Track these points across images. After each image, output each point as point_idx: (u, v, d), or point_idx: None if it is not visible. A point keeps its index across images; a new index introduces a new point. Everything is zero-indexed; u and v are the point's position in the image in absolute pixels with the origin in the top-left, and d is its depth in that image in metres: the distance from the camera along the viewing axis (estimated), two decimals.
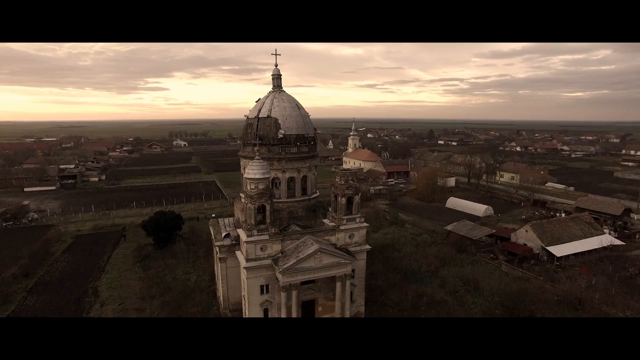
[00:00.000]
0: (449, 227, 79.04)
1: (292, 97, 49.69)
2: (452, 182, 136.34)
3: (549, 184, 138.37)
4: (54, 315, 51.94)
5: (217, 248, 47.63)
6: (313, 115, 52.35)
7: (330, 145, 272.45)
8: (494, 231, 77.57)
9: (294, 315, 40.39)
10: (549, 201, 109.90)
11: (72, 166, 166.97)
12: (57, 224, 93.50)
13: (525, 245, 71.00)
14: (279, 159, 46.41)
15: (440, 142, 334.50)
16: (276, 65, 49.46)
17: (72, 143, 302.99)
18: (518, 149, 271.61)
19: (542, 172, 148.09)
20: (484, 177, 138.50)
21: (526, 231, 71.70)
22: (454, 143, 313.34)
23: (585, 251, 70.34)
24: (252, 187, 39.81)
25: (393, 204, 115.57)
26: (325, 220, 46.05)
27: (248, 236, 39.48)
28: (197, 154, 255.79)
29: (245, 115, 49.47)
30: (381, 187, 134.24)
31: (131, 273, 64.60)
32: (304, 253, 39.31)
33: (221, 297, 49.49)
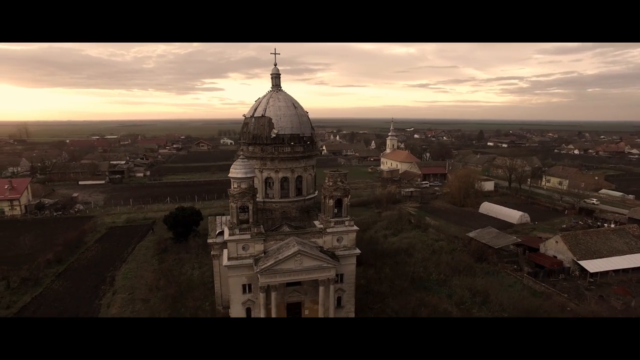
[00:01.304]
0: (471, 234, 74.16)
1: (289, 96, 49.17)
2: (490, 186, 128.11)
3: (603, 190, 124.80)
4: (71, 300, 56.19)
5: (211, 245, 48.48)
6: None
7: (373, 145, 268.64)
8: (520, 240, 71.43)
9: (273, 316, 39.88)
10: (597, 210, 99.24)
11: (123, 162, 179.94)
12: (97, 215, 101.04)
13: (555, 257, 64.61)
14: (272, 158, 46.09)
15: (489, 143, 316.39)
16: (275, 65, 49.32)
17: (129, 140, 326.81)
18: (576, 151, 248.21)
19: (596, 178, 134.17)
20: (528, 182, 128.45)
21: (556, 242, 65.16)
22: (504, 145, 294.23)
23: (629, 269, 62.57)
24: (235, 186, 39.92)
25: (423, 207, 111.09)
26: (316, 222, 45.06)
27: (230, 235, 39.66)
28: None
29: (243, 115, 49.83)
30: (413, 189, 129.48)
31: (148, 265, 67.96)
32: (284, 254, 38.67)
33: (216, 294, 50.37)
